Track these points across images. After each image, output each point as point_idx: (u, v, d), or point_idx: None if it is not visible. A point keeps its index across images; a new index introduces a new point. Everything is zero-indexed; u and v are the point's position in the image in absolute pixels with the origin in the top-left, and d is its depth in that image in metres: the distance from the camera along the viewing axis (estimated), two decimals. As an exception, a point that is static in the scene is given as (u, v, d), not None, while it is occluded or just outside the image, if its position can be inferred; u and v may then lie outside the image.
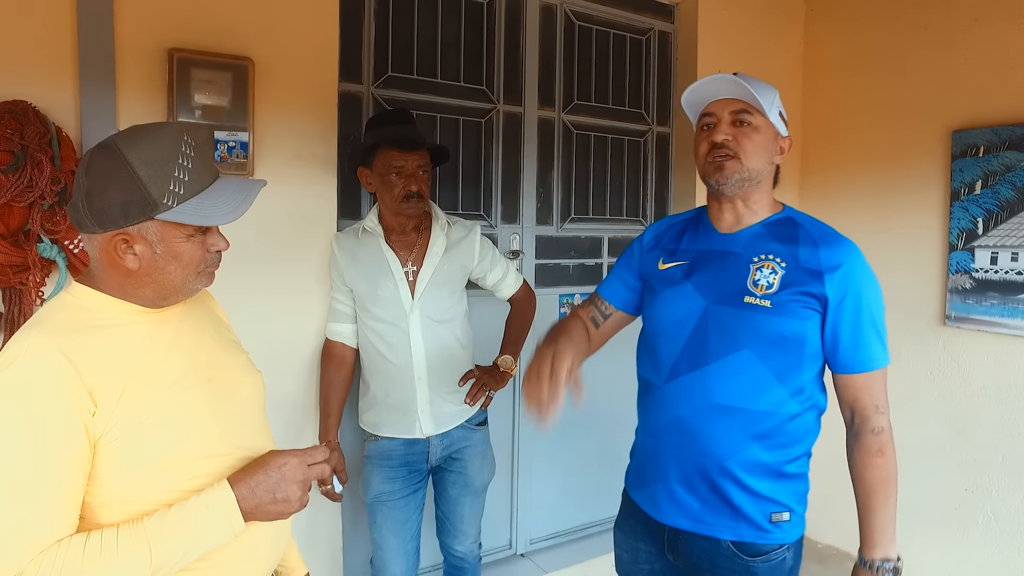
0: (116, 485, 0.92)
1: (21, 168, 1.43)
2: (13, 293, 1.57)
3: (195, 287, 1.02)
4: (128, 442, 0.91)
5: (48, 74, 1.62)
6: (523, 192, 2.58)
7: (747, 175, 1.26)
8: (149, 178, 0.91)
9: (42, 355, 0.87)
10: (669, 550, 1.34)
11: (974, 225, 2.47)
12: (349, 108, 2.17)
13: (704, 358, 1.25)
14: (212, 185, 0.97)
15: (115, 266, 0.95)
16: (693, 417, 1.26)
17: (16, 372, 0.86)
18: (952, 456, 2.57)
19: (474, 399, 1.92)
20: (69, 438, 0.87)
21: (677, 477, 1.29)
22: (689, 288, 1.30)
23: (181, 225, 0.95)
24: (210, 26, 1.81)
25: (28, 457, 0.85)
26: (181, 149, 0.94)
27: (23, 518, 0.84)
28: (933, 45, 2.60)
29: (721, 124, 1.27)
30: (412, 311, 1.81)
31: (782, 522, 1.26)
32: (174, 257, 0.96)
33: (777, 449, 1.25)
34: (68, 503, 0.88)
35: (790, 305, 1.20)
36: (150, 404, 0.93)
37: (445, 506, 1.98)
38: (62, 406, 0.86)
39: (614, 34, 2.77)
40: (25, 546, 0.84)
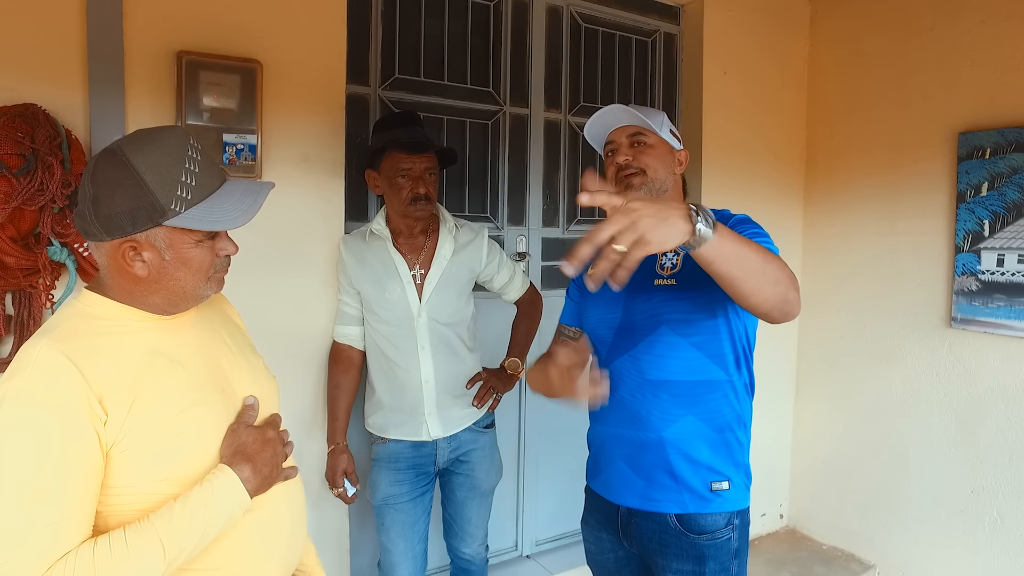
0: (129, 495, 0.91)
1: (32, 171, 1.43)
2: (23, 296, 1.58)
3: (205, 293, 1.01)
4: (140, 452, 0.90)
5: (58, 77, 1.63)
6: (529, 194, 2.59)
7: (653, 185, 1.41)
8: (156, 184, 0.90)
9: (51, 363, 0.86)
10: (624, 535, 1.44)
11: (980, 227, 2.47)
12: (356, 110, 2.17)
13: (631, 341, 1.38)
14: (220, 189, 0.96)
15: (124, 273, 0.95)
16: (630, 396, 1.38)
17: (26, 380, 0.86)
18: (958, 458, 2.57)
19: (481, 402, 1.92)
20: (80, 446, 0.86)
21: (623, 455, 1.40)
22: (608, 285, 1.38)
23: (190, 231, 0.94)
24: (218, 29, 1.81)
25: (40, 465, 0.84)
26: (188, 153, 0.93)
27: (35, 526, 0.83)
28: (939, 46, 2.60)
29: (621, 148, 1.43)
30: (420, 314, 1.81)
31: (722, 491, 1.35)
32: (183, 263, 0.96)
33: (710, 417, 1.36)
34: (82, 512, 0.87)
35: (694, 278, 1.31)
36: (161, 416, 0.92)
37: (452, 508, 1.98)
38: (72, 414, 0.85)
39: (620, 36, 2.77)
40: (39, 556, 0.83)
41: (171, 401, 0.94)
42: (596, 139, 1.50)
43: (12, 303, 1.58)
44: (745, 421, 1.42)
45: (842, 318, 2.98)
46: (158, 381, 0.94)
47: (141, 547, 0.87)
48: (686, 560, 1.34)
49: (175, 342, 1.00)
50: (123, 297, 0.97)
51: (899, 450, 2.75)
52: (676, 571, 1.35)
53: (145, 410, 0.90)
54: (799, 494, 3.22)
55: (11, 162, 1.42)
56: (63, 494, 0.85)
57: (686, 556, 1.34)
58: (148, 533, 0.88)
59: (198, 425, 0.96)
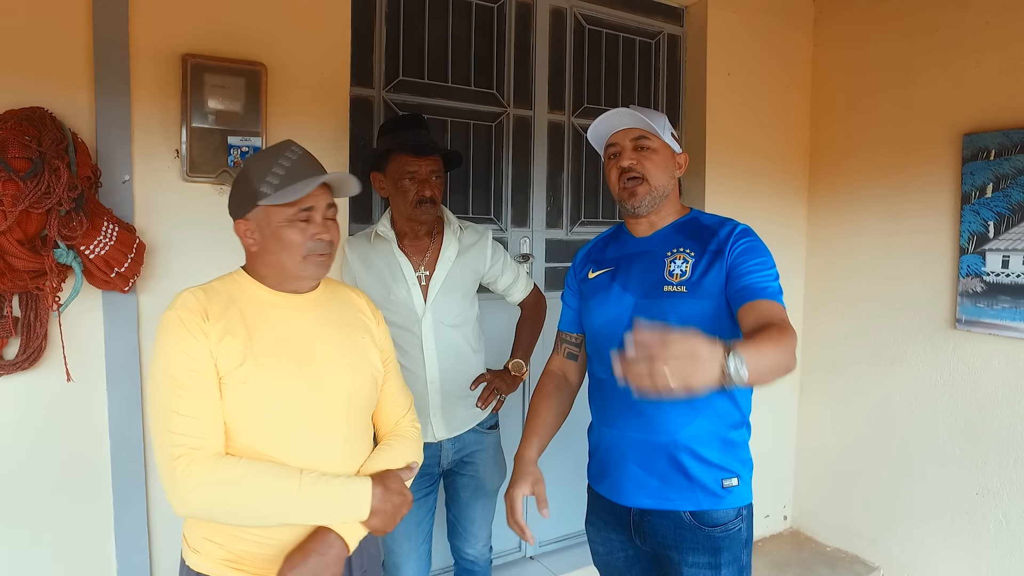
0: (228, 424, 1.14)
1: (39, 175, 1.44)
2: (30, 298, 1.59)
3: (305, 271, 1.21)
4: (225, 385, 1.13)
5: (64, 81, 1.64)
6: (533, 195, 2.59)
7: (656, 193, 1.43)
8: (255, 175, 1.18)
9: (188, 296, 1.16)
10: (636, 534, 1.46)
11: (985, 228, 2.46)
12: (360, 112, 2.18)
13: None
14: (307, 179, 1.18)
15: (248, 251, 1.24)
16: (641, 400, 1.36)
17: (171, 308, 1.16)
18: (962, 460, 2.56)
19: (486, 403, 1.92)
20: (205, 361, 1.12)
21: (636, 459, 1.42)
22: (617, 288, 1.47)
23: (279, 209, 1.17)
24: (223, 32, 1.82)
25: (181, 371, 1.11)
26: (285, 154, 1.20)
27: (200, 406, 1.11)
28: (944, 47, 2.59)
29: (625, 151, 1.44)
30: (424, 315, 1.82)
31: (732, 487, 1.39)
32: (278, 240, 1.18)
33: (719, 419, 1.40)
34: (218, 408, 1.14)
35: (704, 286, 1.35)
36: (236, 356, 1.14)
37: (456, 509, 1.99)
38: (195, 326, 1.13)
39: (624, 37, 2.77)
40: (211, 430, 1.11)
41: (251, 349, 1.15)
42: (598, 140, 1.51)
43: (19, 305, 1.59)
44: (748, 418, 1.46)
45: (846, 320, 2.97)
46: (249, 332, 1.16)
47: (282, 470, 1.12)
48: (702, 553, 1.38)
49: (281, 314, 1.22)
50: (252, 273, 1.24)
51: (903, 452, 2.75)
52: (693, 564, 1.38)
53: (228, 347, 1.14)
54: (803, 496, 3.21)
55: (18, 165, 1.43)
56: (206, 390, 1.12)
57: (701, 549, 1.38)
58: (290, 469, 1.13)
59: (262, 376, 1.15)
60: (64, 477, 1.69)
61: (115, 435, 1.74)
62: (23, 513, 1.65)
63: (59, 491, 1.69)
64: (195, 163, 1.79)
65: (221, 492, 1.09)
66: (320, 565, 1.14)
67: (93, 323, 1.70)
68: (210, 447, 1.11)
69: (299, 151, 1.22)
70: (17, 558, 1.65)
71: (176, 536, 1.80)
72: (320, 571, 1.14)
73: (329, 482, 1.16)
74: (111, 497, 1.75)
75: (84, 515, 1.72)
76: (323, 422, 1.21)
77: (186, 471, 1.08)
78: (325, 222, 1.22)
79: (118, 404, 1.74)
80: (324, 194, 1.22)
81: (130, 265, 1.65)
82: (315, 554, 1.14)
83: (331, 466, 1.20)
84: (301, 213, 1.18)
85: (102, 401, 1.72)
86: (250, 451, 1.14)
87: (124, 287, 1.67)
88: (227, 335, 1.14)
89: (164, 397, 1.11)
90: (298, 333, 1.23)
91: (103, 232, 1.59)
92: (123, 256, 1.63)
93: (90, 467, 1.72)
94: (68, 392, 1.67)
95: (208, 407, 1.12)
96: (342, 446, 1.24)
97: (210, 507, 1.10)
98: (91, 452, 1.72)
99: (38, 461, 1.66)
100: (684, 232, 1.45)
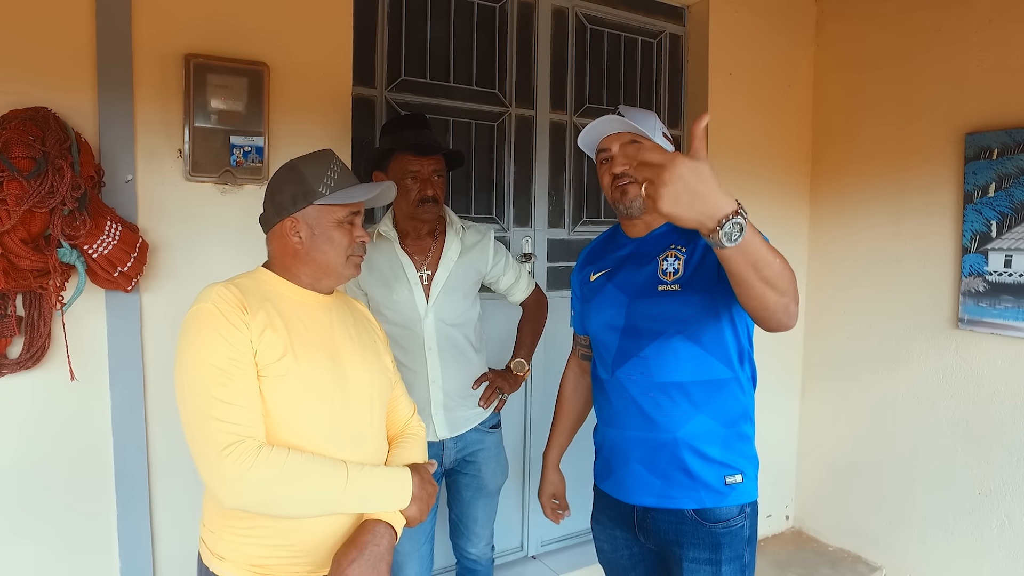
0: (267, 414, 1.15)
1: (43, 174, 1.44)
2: (33, 297, 1.59)
3: (346, 271, 1.27)
4: (264, 377, 1.14)
5: (68, 81, 1.64)
6: (535, 195, 2.59)
7: None
8: (311, 176, 1.24)
9: (223, 289, 1.17)
10: (640, 531, 1.46)
11: (987, 228, 2.46)
12: (362, 112, 2.18)
13: (639, 345, 1.40)
14: (354, 186, 1.27)
15: (286, 250, 1.25)
16: (641, 398, 1.41)
17: (206, 300, 1.15)
18: (965, 460, 2.56)
19: (488, 402, 1.92)
20: (247, 352, 1.13)
21: (638, 457, 1.42)
22: (612, 289, 1.47)
23: (331, 210, 1.23)
24: (226, 32, 1.82)
25: (225, 360, 1.11)
26: (333, 161, 1.27)
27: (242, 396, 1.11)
28: (946, 46, 2.59)
29: (616, 157, 1.42)
30: (427, 315, 1.82)
31: (736, 484, 1.39)
32: (327, 239, 1.23)
33: (720, 414, 1.39)
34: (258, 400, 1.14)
35: (697, 282, 1.34)
36: (277, 349, 1.15)
37: (459, 509, 1.99)
38: (236, 316, 1.14)
39: (625, 37, 2.77)
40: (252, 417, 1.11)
41: (290, 343, 1.17)
42: (589, 146, 1.50)
43: (23, 304, 1.59)
44: (750, 414, 1.45)
45: (848, 320, 2.97)
46: (286, 327, 1.19)
47: (330, 463, 1.14)
48: (703, 548, 1.38)
49: (308, 312, 1.25)
50: (282, 272, 1.26)
51: (905, 452, 2.74)
52: (693, 559, 1.38)
53: (268, 340, 1.15)
54: (805, 495, 3.21)
55: (22, 165, 1.43)
56: (247, 379, 1.12)
57: (703, 544, 1.38)
58: (336, 461, 1.15)
59: (300, 371, 1.17)
60: (67, 476, 1.70)
61: (118, 434, 1.74)
62: (26, 512, 1.66)
63: (62, 490, 1.69)
64: (198, 163, 1.79)
65: (275, 481, 1.09)
66: (376, 556, 1.15)
67: (96, 322, 1.71)
68: (259, 436, 1.11)
69: (341, 163, 1.29)
70: (20, 557, 1.66)
71: (179, 535, 1.82)
72: (376, 561, 1.15)
73: (373, 471, 1.20)
74: (114, 496, 1.75)
75: (87, 514, 1.73)
76: (353, 419, 1.24)
77: (239, 460, 1.06)
78: (363, 227, 1.30)
79: (121, 403, 1.74)
80: (361, 203, 1.30)
81: (133, 264, 1.65)
82: (370, 545, 1.15)
83: (362, 461, 1.22)
84: (351, 216, 1.26)
85: (105, 400, 1.73)
86: (286, 444, 1.14)
87: (127, 286, 1.67)
88: (267, 328, 1.16)
89: (206, 386, 1.10)
90: (326, 331, 1.26)
91: (106, 231, 1.59)
92: (126, 255, 1.63)
93: (93, 466, 1.73)
94: (71, 391, 1.67)
95: (254, 397, 1.12)
96: (370, 442, 1.27)
97: (263, 497, 1.09)
98: (94, 451, 1.73)
99: (41, 460, 1.67)
100: (679, 230, 1.42)
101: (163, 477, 1.81)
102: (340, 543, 1.18)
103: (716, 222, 0.92)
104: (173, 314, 1.76)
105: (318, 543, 1.17)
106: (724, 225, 0.92)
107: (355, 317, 1.38)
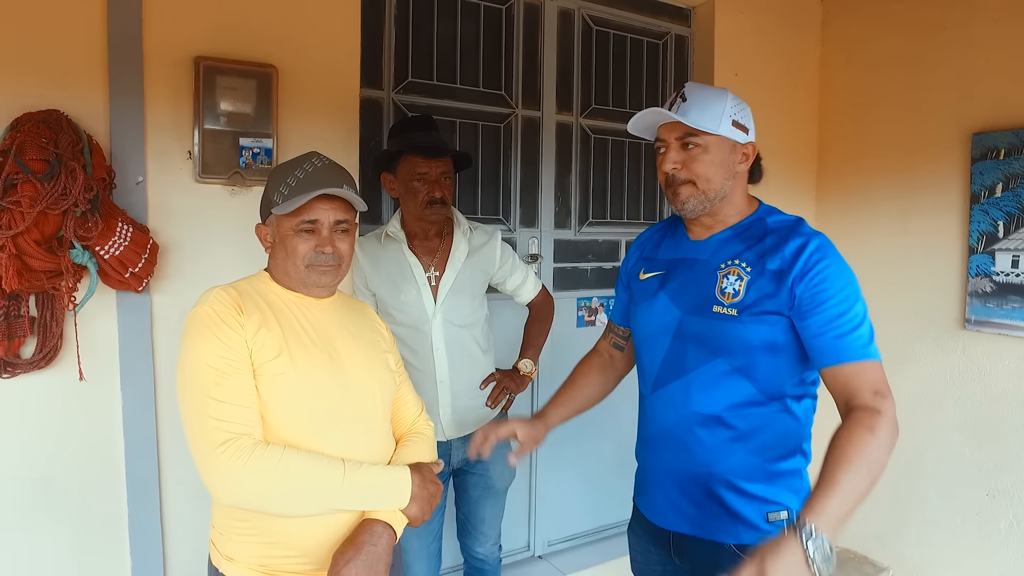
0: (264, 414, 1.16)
1: (56, 176, 1.46)
2: (46, 298, 1.60)
3: (309, 279, 1.25)
4: (260, 376, 1.15)
5: (79, 83, 1.65)
6: (541, 196, 2.60)
7: (706, 196, 1.26)
8: (273, 183, 1.26)
9: (221, 292, 1.19)
10: (675, 553, 1.35)
11: (994, 228, 2.46)
12: (370, 114, 2.19)
13: (682, 368, 1.27)
14: (321, 190, 1.20)
15: (268, 253, 1.30)
16: (678, 427, 1.28)
17: (204, 302, 1.18)
18: (973, 461, 2.56)
19: (495, 402, 1.93)
20: (242, 352, 1.14)
21: (672, 483, 1.31)
22: (664, 298, 1.32)
23: (287, 218, 1.22)
24: (235, 34, 1.83)
25: (220, 360, 1.13)
26: (304, 165, 1.24)
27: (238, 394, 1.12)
28: (952, 46, 2.59)
29: (669, 151, 1.27)
30: (435, 316, 1.83)
31: (780, 521, 1.24)
32: (283, 246, 1.24)
33: (765, 450, 1.24)
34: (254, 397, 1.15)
35: (757, 312, 1.19)
36: (273, 347, 1.17)
37: (466, 508, 2.00)
38: (232, 316, 1.16)
39: (631, 38, 2.78)
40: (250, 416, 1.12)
41: (285, 343, 1.18)
42: (643, 132, 1.34)
43: (35, 305, 1.61)
44: (803, 447, 1.30)
45: (855, 319, 2.96)
46: (281, 327, 1.20)
47: (328, 460, 1.15)
48: None
49: (306, 313, 1.26)
50: (275, 275, 1.29)
51: (913, 452, 2.74)
52: None
53: (263, 339, 1.17)
54: (811, 496, 3.20)
55: (36, 167, 1.45)
56: (244, 378, 1.14)
57: None
58: (333, 459, 1.15)
59: (297, 369, 1.18)
60: (79, 476, 1.71)
61: (129, 434, 1.76)
62: (39, 511, 1.67)
63: (74, 490, 1.71)
64: (207, 164, 1.81)
65: (270, 478, 1.10)
66: (373, 556, 1.15)
67: (107, 323, 1.72)
68: (255, 434, 1.12)
69: (320, 162, 1.25)
70: (33, 556, 1.67)
71: (190, 535, 1.84)
72: (374, 561, 1.15)
73: (370, 469, 1.19)
74: (125, 495, 1.76)
75: (98, 513, 1.74)
76: (354, 418, 1.24)
77: (233, 457, 1.08)
78: (332, 235, 1.24)
79: (132, 403, 1.75)
80: (334, 208, 1.24)
81: (144, 265, 1.66)
82: (367, 545, 1.15)
83: (364, 460, 1.22)
84: (305, 224, 1.22)
85: (116, 400, 1.74)
86: (285, 443, 1.15)
87: (138, 287, 1.68)
88: (262, 328, 1.17)
89: (203, 386, 1.11)
90: (325, 332, 1.27)
91: (118, 233, 1.60)
92: (137, 256, 1.65)
93: (104, 466, 1.74)
94: (83, 391, 1.69)
95: (249, 395, 1.14)
96: (373, 441, 1.27)
97: (258, 494, 1.10)
98: (105, 451, 1.74)
99: (53, 460, 1.68)
100: (744, 238, 1.27)
101: (174, 476, 1.82)
102: (341, 542, 1.18)
103: (806, 562, 0.96)
104: (183, 315, 1.73)
105: (319, 542, 1.18)
106: (812, 557, 0.96)
107: (356, 318, 1.38)
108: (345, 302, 1.39)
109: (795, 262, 1.18)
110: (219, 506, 1.21)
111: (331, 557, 1.16)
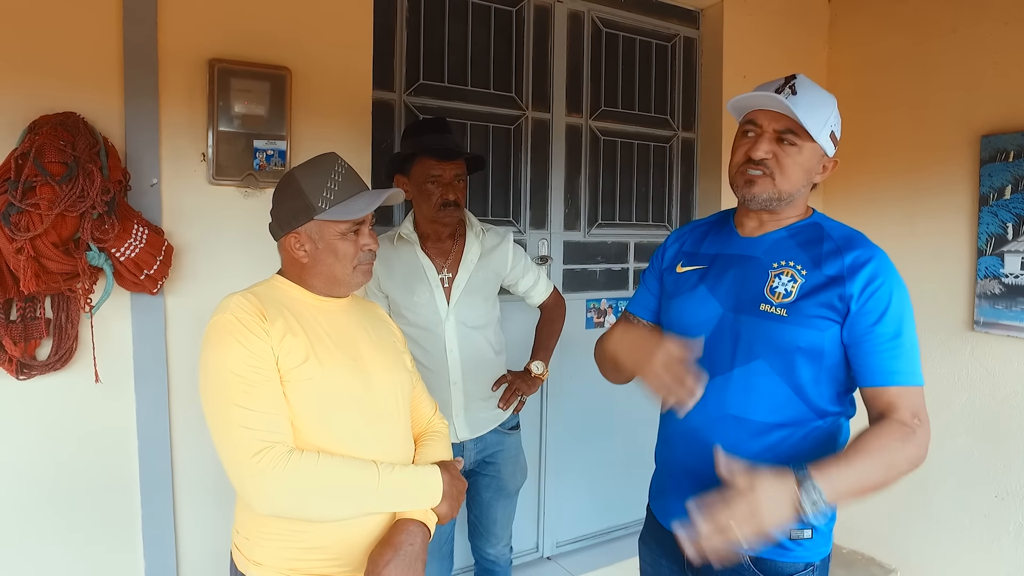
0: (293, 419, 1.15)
1: (74, 178, 1.46)
2: (62, 300, 1.61)
3: (354, 280, 1.27)
4: (288, 382, 1.15)
5: (95, 86, 1.66)
6: (551, 198, 2.60)
7: (778, 196, 1.20)
8: (310, 190, 1.21)
9: (242, 299, 1.18)
10: (688, 568, 1.28)
11: (1003, 230, 2.46)
12: (382, 116, 2.20)
13: (719, 367, 1.21)
14: (356, 195, 1.24)
15: (294, 261, 1.26)
16: (705, 427, 1.23)
17: (225, 310, 1.16)
18: (981, 462, 2.56)
19: (507, 403, 1.94)
20: (268, 359, 1.14)
21: (691, 486, 1.21)
22: (704, 293, 1.27)
23: (334, 224, 1.22)
24: (249, 37, 1.84)
25: (248, 369, 1.11)
26: (334, 169, 1.23)
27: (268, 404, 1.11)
28: (961, 48, 2.59)
29: (762, 139, 1.20)
30: (447, 317, 1.83)
31: (803, 539, 1.15)
32: (332, 251, 1.23)
33: (795, 463, 1.14)
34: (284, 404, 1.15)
35: (808, 315, 1.15)
36: (299, 353, 1.16)
37: (478, 510, 2.00)
38: (256, 324, 1.15)
39: (640, 40, 2.78)
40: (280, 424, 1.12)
41: (311, 348, 1.18)
42: (738, 110, 1.29)
43: (51, 307, 1.61)
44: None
45: (862, 321, 2.96)
46: (305, 332, 1.20)
47: (361, 464, 1.15)
48: None
49: (326, 316, 1.26)
50: (297, 280, 1.27)
51: (921, 454, 2.74)
52: None
53: (289, 345, 1.16)
54: (819, 497, 3.20)
55: (54, 170, 1.46)
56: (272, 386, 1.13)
57: None
58: (367, 462, 1.16)
59: (325, 374, 1.18)
60: (93, 476, 1.72)
61: (143, 436, 1.76)
62: (52, 512, 1.68)
63: (88, 490, 1.71)
64: (221, 166, 1.81)
65: (307, 486, 1.10)
66: (411, 555, 1.16)
67: (122, 324, 1.73)
68: (288, 441, 1.12)
69: (345, 165, 1.25)
70: (46, 556, 1.68)
71: (203, 535, 1.84)
72: (412, 560, 1.16)
73: (403, 470, 1.20)
74: (139, 496, 1.77)
75: (112, 514, 1.75)
76: (379, 418, 1.25)
77: (269, 466, 1.07)
78: (370, 232, 1.28)
79: (146, 404, 1.76)
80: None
81: (159, 267, 1.67)
82: (405, 545, 1.16)
83: (390, 460, 1.22)
84: (354, 227, 1.24)
85: (130, 401, 1.75)
86: (316, 448, 1.15)
87: (153, 289, 1.69)
88: (287, 334, 1.17)
89: (231, 395, 1.11)
90: (346, 333, 1.27)
91: (133, 235, 1.61)
92: (152, 258, 1.65)
93: (118, 467, 1.75)
94: (98, 392, 1.69)
95: (279, 402, 1.13)
96: (397, 442, 1.28)
97: (297, 501, 1.10)
98: (119, 452, 1.74)
99: (68, 460, 1.69)
100: (799, 240, 1.23)
101: (187, 478, 1.83)
102: (374, 543, 1.19)
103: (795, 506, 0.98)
104: (197, 316, 1.78)
105: (353, 544, 1.18)
106: (803, 503, 0.97)
107: (371, 319, 1.38)
108: (358, 303, 1.40)
109: (855, 274, 1.16)
110: (246, 512, 1.21)
111: (366, 558, 1.17)
